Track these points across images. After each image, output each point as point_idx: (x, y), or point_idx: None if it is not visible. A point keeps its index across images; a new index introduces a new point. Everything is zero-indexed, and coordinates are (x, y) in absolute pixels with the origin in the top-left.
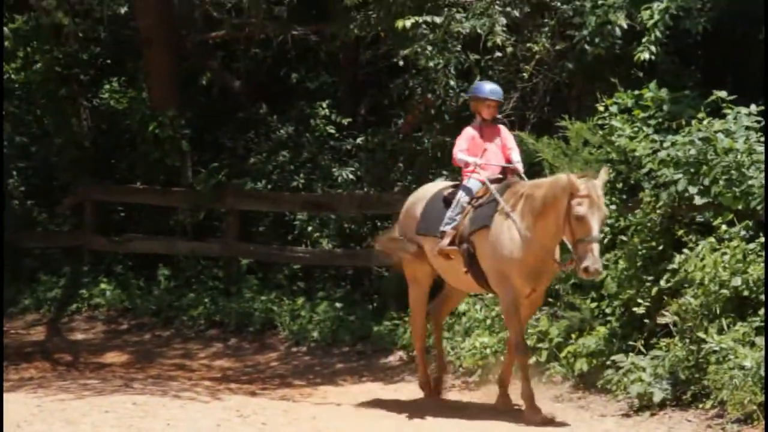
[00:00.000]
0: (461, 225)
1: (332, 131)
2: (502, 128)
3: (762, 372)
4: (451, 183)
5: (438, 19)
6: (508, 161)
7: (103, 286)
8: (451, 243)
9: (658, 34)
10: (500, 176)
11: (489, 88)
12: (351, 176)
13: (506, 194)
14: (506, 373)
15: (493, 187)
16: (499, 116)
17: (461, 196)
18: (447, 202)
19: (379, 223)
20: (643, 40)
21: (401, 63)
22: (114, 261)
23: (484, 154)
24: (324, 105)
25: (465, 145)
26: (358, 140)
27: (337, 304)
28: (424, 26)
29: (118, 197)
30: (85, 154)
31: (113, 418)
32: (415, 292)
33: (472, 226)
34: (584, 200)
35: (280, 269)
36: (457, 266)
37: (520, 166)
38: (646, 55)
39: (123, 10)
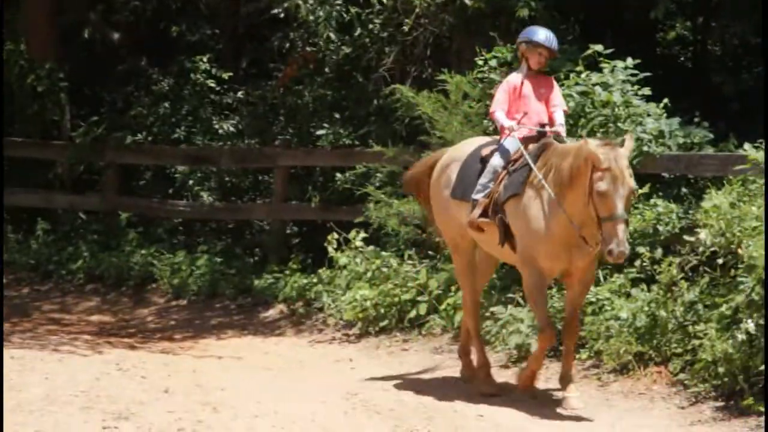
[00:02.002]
0: (495, 192)
1: (212, 85)
2: (549, 80)
3: (638, 323)
4: (490, 139)
5: None
6: (551, 120)
7: None
8: (484, 213)
9: None
10: (538, 134)
11: (545, 35)
12: (232, 129)
13: (540, 160)
14: (537, 358)
15: (526, 152)
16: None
17: (495, 160)
18: (484, 162)
19: (260, 177)
20: None
21: (282, 15)
22: None
23: (525, 109)
24: (204, 59)
25: (504, 99)
26: (239, 94)
27: (218, 258)
28: None
29: None
30: None
31: None
32: (457, 261)
33: (506, 194)
34: (606, 174)
35: (161, 223)
36: (493, 237)
37: (562, 129)
38: (525, 12)
39: None
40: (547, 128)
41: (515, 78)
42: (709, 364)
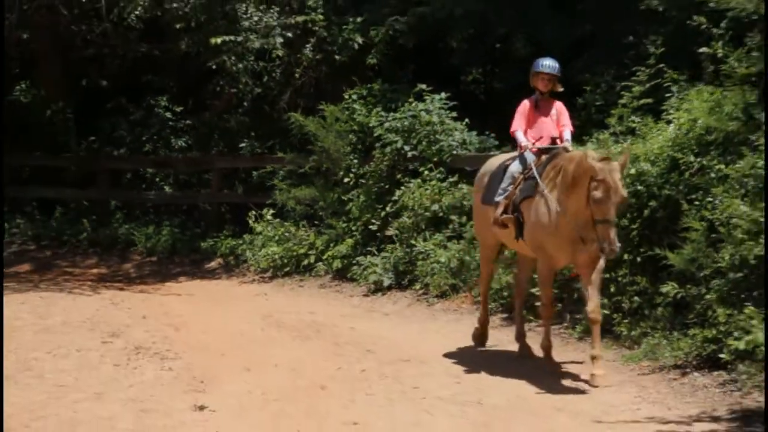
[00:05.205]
0: (513, 194)
1: (169, 116)
2: (559, 104)
3: (451, 264)
4: (515, 154)
5: (238, 38)
6: (561, 137)
7: (18, 220)
8: (505, 211)
9: (382, 47)
10: (552, 146)
11: (543, 62)
12: (184, 144)
13: (549, 166)
14: (595, 342)
15: (535, 165)
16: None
17: (514, 167)
18: (506, 171)
19: (203, 175)
20: (373, 51)
21: (214, 68)
22: (26, 203)
23: (538, 125)
24: (164, 98)
25: (522, 120)
26: (188, 121)
27: (176, 229)
28: (229, 42)
29: (22, 161)
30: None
31: (27, 308)
32: (482, 253)
33: (521, 196)
34: (601, 184)
35: (138, 207)
36: (512, 233)
37: (569, 144)
38: (373, 61)
39: (25, 35)
40: (558, 143)
41: (529, 101)
42: (498, 290)
